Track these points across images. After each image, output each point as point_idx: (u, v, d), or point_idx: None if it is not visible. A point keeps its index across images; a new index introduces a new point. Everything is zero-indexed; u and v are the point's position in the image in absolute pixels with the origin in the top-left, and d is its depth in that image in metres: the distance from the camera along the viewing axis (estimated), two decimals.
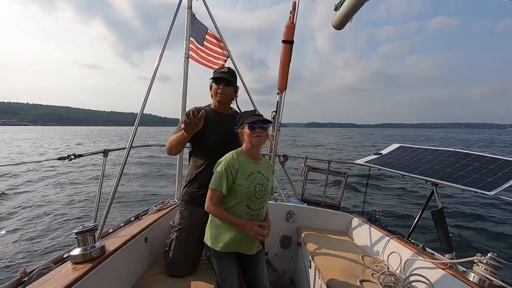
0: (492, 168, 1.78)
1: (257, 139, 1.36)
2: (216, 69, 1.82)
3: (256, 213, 1.39)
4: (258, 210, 1.40)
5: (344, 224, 2.44)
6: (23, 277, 1.31)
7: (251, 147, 1.40)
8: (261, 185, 1.39)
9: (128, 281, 1.48)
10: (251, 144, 1.38)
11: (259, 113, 1.44)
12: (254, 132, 1.36)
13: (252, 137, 1.36)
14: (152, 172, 11.25)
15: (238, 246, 1.40)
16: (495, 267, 1.20)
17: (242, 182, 1.34)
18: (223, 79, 1.69)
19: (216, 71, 1.78)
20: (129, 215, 2.34)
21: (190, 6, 2.54)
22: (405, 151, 2.62)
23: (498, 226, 5.35)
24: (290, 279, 2.50)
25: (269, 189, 1.45)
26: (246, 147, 1.43)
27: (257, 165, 1.43)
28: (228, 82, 1.71)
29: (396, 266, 1.72)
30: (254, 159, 1.43)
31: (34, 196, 7.33)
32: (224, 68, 1.79)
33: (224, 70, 1.76)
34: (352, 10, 1.14)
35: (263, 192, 1.40)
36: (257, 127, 1.36)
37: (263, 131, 1.38)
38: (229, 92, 1.73)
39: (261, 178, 1.41)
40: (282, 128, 2.68)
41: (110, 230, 1.94)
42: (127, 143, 2.05)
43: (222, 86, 1.69)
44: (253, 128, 1.36)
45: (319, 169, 3.10)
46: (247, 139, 1.39)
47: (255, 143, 1.37)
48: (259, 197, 1.38)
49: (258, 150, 1.45)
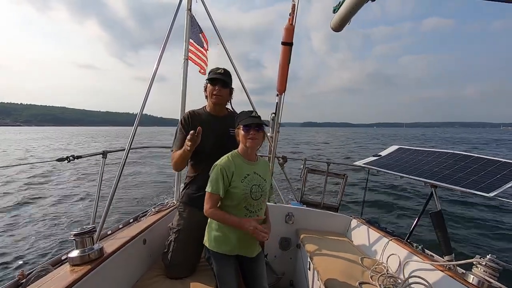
0: (491, 170, 1.78)
1: (251, 141, 1.35)
2: (211, 70, 1.76)
3: (256, 215, 1.39)
4: (257, 211, 1.40)
5: (343, 226, 2.44)
6: (21, 279, 1.30)
7: (246, 148, 1.40)
8: (257, 186, 1.38)
9: (127, 283, 1.47)
10: (245, 145, 1.38)
11: (256, 114, 1.42)
12: (249, 134, 1.35)
13: (246, 139, 1.35)
14: (152, 173, 11.23)
15: (238, 248, 1.40)
16: (494, 269, 1.20)
17: (238, 184, 1.34)
18: (219, 80, 1.65)
19: (211, 72, 1.72)
20: (128, 216, 2.33)
21: (190, 7, 2.55)
22: (404, 152, 2.62)
23: (497, 228, 5.35)
24: (289, 281, 2.49)
25: (266, 189, 1.44)
26: (242, 148, 1.42)
27: (254, 166, 1.42)
28: (224, 83, 1.67)
29: (395, 268, 1.71)
30: (250, 160, 1.42)
31: (34, 196, 7.31)
32: (220, 69, 1.72)
33: (220, 71, 1.70)
34: (350, 12, 1.14)
35: (260, 193, 1.39)
36: (251, 129, 1.35)
37: (258, 133, 1.37)
38: (225, 93, 1.69)
39: (258, 179, 1.40)
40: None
41: (108, 232, 1.93)
42: (126, 144, 2.04)
43: (218, 88, 1.65)
44: (247, 130, 1.35)
45: (318, 170, 3.10)
46: (242, 140, 1.39)
47: (250, 145, 1.36)
48: (256, 198, 1.38)
49: (254, 151, 1.44)
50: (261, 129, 1.39)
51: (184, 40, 2.53)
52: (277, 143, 2.40)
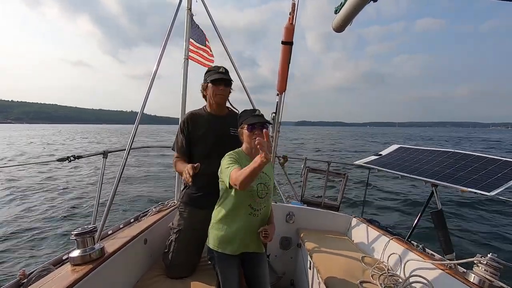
0: (492, 169, 1.78)
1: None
2: (210, 69, 1.72)
3: (260, 213, 1.38)
4: (262, 209, 1.39)
5: (344, 225, 2.44)
6: (22, 279, 1.30)
7: (251, 148, 1.39)
8: (263, 185, 1.38)
9: (128, 283, 1.47)
10: (250, 145, 1.37)
11: (259, 112, 1.41)
12: (253, 134, 1.34)
13: (251, 139, 1.34)
14: (152, 173, 11.23)
15: (242, 247, 1.39)
16: (495, 268, 1.20)
17: None
18: (223, 80, 1.64)
19: (212, 71, 1.68)
20: (129, 216, 2.33)
21: (190, 7, 2.55)
22: (404, 152, 2.62)
23: (498, 226, 5.35)
24: (290, 280, 2.49)
25: (271, 188, 1.43)
26: (246, 147, 1.42)
27: None
28: (228, 82, 1.66)
29: (396, 267, 1.71)
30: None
31: (34, 196, 7.31)
32: (220, 67, 1.70)
33: (221, 70, 1.68)
34: (352, 12, 1.13)
35: (265, 191, 1.38)
36: (256, 129, 1.35)
37: (262, 133, 1.35)
38: (227, 92, 1.69)
39: (264, 177, 1.40)
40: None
41: (109, 232, 1.93)
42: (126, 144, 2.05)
43: (222, 87, 1.63)
44: (252, 129, 1.35)
45: (319, 170, 3.10)
46: (246, 140, 1.39)
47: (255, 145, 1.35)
48: (262, 197, 1.37)
49: (259, 151, 1.43)
50: (266, 128, 1.38)
51: (184, 39, 2.53)
52: (277, 143, 2.40)
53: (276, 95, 2.32)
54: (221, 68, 1.70)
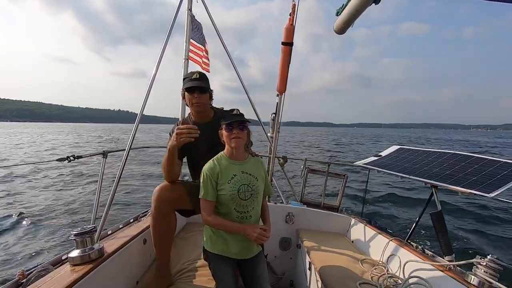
0: (491, 170, 1.78)
1: (235, 141, 1.30)
2: (185, 76, 1.65)
3: (248, 215, 1.35)
4: (251, 211, 1.35)
5: (343, 226, 2.44)
6: (21, 279, 1.30)
7: (231, 149, 1.35)
8: (247, 186, 1.33)
9: (127, 283, 1.47)
10: (230, 146, 1.33)
11: (237, 112, 1.35)
12: (232, 134, 1.30)
13: (230, 139, 1.30)
14: (152, 173, 11.22)
15: (235, 253, 1.38)
16: (494, 269, 1.20)
17: (225, 186, 1.30)
18: (196, 88, 1.55)
19: (186, 79, 1.60)
20: (128, 216, 2.33)
21: (190, 8, 2.55)
22: (404, 153, 2.62)
23: (498, 228, 5.35)
24: (289, 281, 2.49)
25: (258, 188, 1.38)
26: (227, 149, 1.38)
27: (242, 165, 1.37)
28: (202, 89, 1.57)
29: (395, 268, 1.71)
30: (237, 159, 1.37)
31: (33, 197, 7.31)
32: (194, 73, 1.60)
33: (195, 76, 1.58)
34: (353, 15, 1.13)
35: (249, 192, 1.34)
36: (234, 128, 1.30)
37: (242, 132, 1.31)
38: (204, 99, 1.59)
39: (247, 178, 1.35)
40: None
41: (109, 232, 1.93)
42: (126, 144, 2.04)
43: (196, 95, 1.55)
44: (230, 129, 1.30)
45: (319, 171, 3.10)
46: (226, 140, 1.34)
47: (234, 144, 1.30)
48: (246, 198, 1.33)
49: (240, 150, 1.38)
50: (245, 126, 1.33)
51: (184, 40, 2.53)
52: (277, 143, 2.40)
53: (276, 96, 2.32)
54: (194, 74, 1.60)
